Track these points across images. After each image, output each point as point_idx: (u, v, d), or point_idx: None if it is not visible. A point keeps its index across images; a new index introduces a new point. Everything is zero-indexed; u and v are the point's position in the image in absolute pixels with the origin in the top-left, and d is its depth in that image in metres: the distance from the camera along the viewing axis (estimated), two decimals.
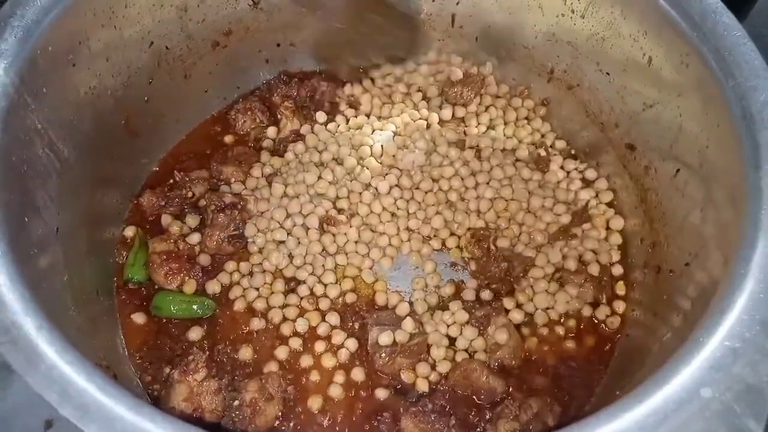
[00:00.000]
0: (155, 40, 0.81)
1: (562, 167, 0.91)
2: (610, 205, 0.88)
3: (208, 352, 0.75)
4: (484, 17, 0.89)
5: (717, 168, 0.66)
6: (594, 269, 0.83)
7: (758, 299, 0.53)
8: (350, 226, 0.85)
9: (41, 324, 0.52)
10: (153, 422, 0.47)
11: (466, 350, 0.78)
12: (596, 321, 0.81)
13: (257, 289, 0.81)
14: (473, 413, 0.73)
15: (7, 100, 0.61)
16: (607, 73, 0.82)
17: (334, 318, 0.80)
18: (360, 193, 0.87)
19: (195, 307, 0.79)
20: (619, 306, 0.81)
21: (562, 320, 0.81)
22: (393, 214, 0.87)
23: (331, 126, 0.94)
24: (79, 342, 0.54)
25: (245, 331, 0.79)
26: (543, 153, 0.92)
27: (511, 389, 0.75)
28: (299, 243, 0.84)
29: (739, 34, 0.65)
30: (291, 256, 0.84)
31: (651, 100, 0.77)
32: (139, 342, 0.78)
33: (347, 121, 0.94)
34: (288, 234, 0.85)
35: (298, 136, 0.93)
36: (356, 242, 0.85)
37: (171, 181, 0.88)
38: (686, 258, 0.70)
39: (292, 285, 0.82)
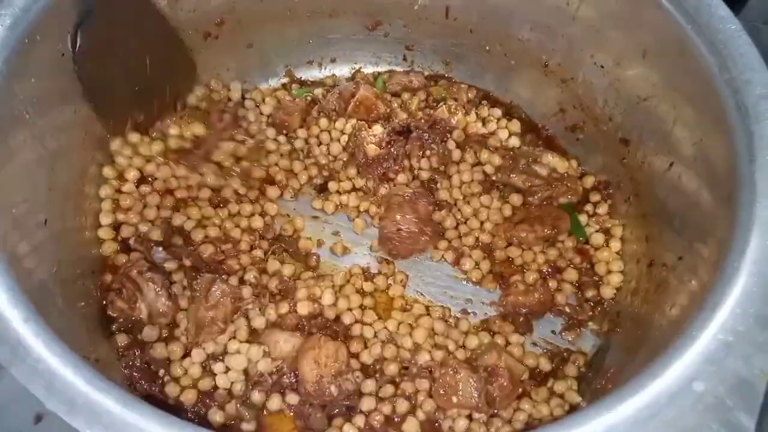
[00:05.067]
0: None
1: None
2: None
3: None
4: (478, 8, 0.88)
5: (711, 161, 0.66)
6: None
7: (752, 293, 0.53)
8: None
9: (28, 316, 0.51)
10: (141, 416, 0.47)
11: None
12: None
13: None
14: None
15: None
16: (602, 66, 0.82)
17: None
18: None
19: None
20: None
21: None
22: None
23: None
24: (67, 336, 0.53)
25: None
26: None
27: None
28: None
29: (735, 27, 0.65)
30: None
31: (645, 93, 0.76)
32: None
33: None
34: None
35: None
36: None
37: None
38: (679, 252, 0.70)
39: None
